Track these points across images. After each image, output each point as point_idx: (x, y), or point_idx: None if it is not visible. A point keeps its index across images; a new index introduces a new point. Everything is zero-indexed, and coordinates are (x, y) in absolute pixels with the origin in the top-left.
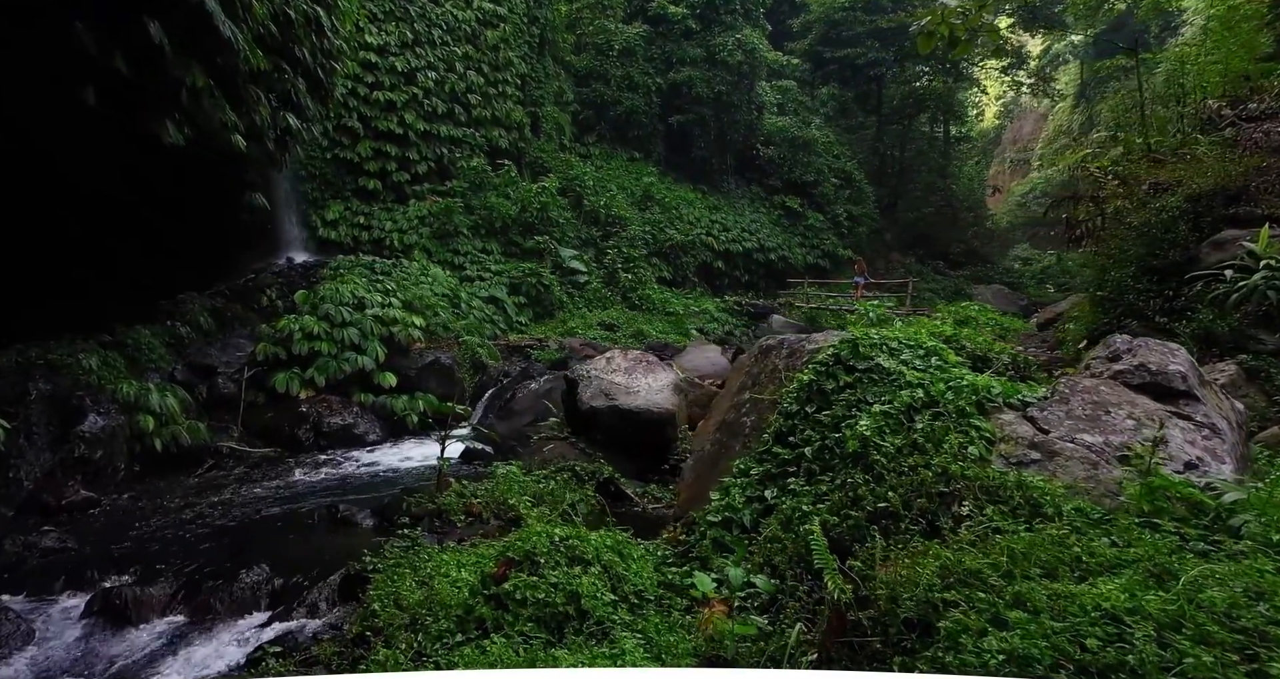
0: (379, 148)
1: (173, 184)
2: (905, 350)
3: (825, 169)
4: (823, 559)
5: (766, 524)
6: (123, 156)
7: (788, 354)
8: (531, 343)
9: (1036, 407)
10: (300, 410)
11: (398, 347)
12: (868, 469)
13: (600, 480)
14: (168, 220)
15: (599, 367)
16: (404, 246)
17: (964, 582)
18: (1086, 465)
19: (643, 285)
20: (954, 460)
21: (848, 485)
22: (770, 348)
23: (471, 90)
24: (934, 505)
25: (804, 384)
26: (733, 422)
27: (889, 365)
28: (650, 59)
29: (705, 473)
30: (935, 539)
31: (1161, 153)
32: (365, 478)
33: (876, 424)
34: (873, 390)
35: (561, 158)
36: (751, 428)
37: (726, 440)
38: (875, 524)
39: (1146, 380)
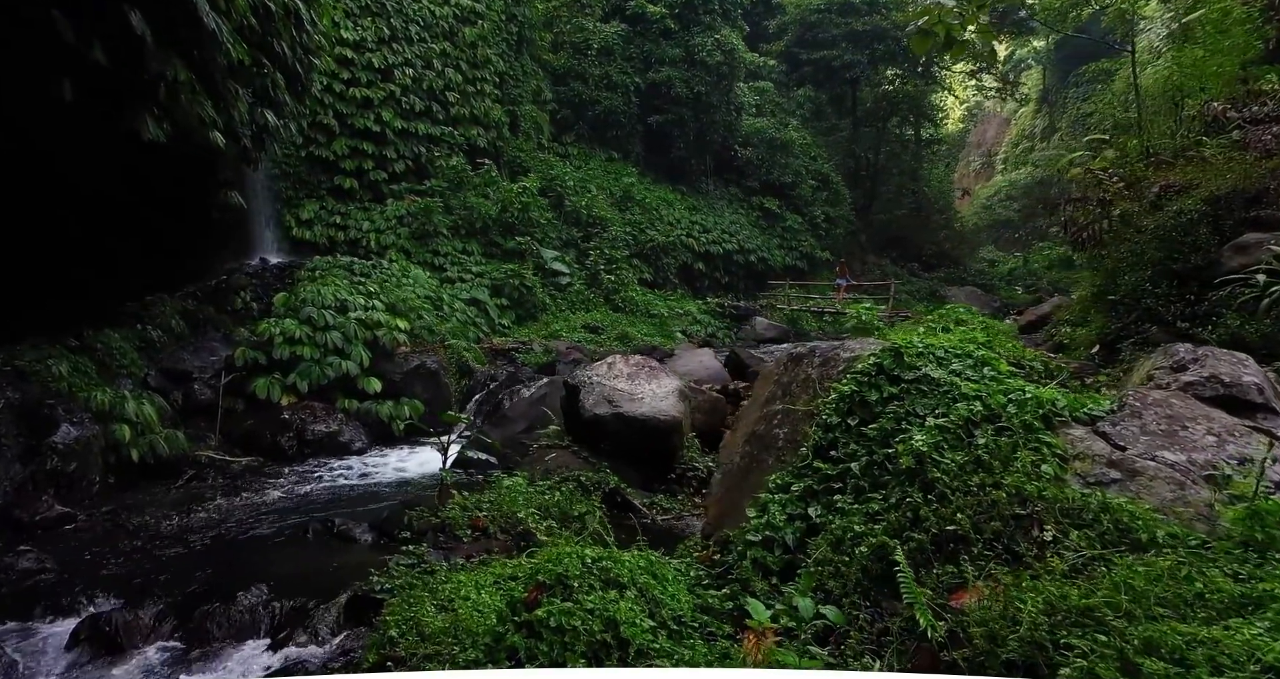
0: (355, 146)
1: (144, 182)
2: (954, 360)
3: (803, 171)
4: (911, 592)
5: (814, 545)
6: (98, 153)
7: (821, 363)
8: (515, 346)
9: (1107, 421)
10: (282, 418)
11: (382, 351)
12: (926, 487)
13: (606, 491)
14: (135, 219)
15: (601, 373)
16: (381, 247)
17: (1075, 621)
18: (1172, 486)
19: (625, 287)
20: (1028, 480)
21: (905, 505)
22: (801, 356)
23: (450, 88)
24: (1009, 529)
25: (844, 395)
26: (763, 434)
27: (938, 376)
28: (629, 58)
29: (735, 487)
30: (1017, 567)
31: (1165, 155)
32: (356, 488)
33: (933, 439)
34: (922, 402)
35: (540, 157)
36: (785, 440)
37: (757, 453)
38: (940, 548)
39: (1220, 392)
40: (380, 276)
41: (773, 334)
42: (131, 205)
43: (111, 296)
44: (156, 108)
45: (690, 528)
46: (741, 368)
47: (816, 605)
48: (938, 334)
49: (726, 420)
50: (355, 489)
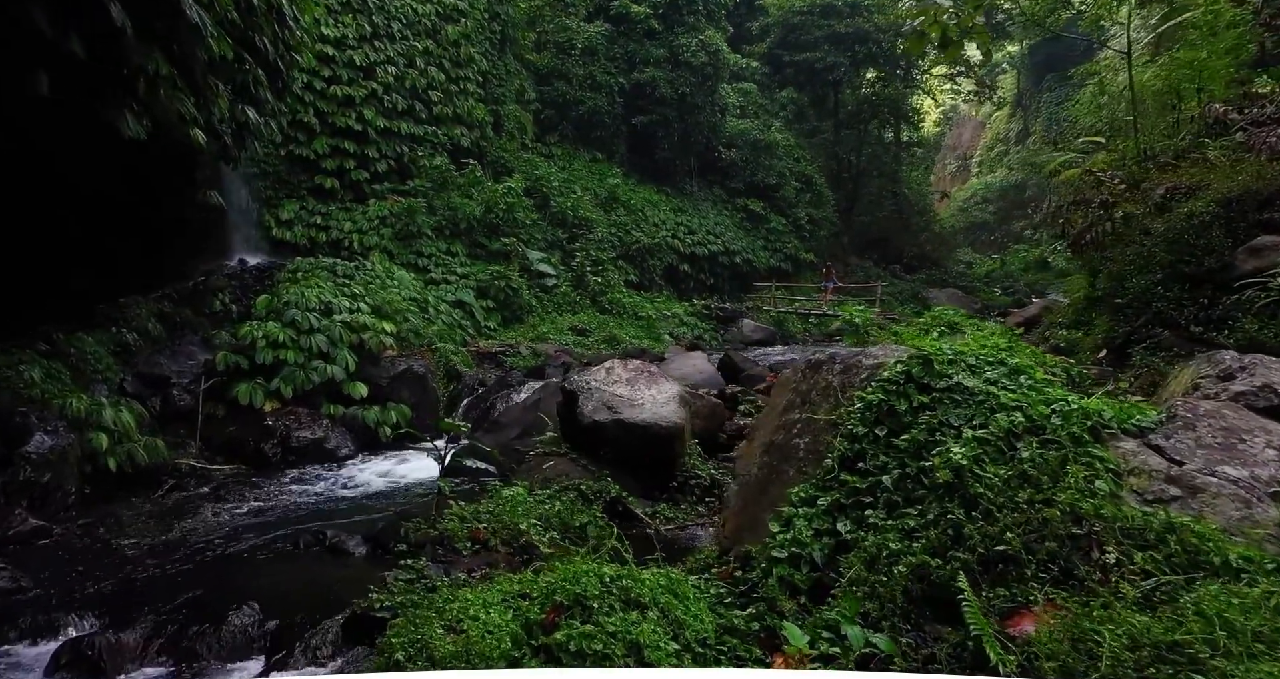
0: (336, 145)
1: (119, 179)
2: (987, 367)
3: (786, 172)
4: (978, 621)
5: (846, 563)
6: (72, 149)
7: (842, 370)
8: (503, 348)
9: (1159, 433)
10: (266, 424)
11: (368, 355)
12: (968, 503)
13: (608, 500)
14: (110, 218)
15: (599, 378)
16: (364, 248)
17: (1163, 657)
18: (1238, 503)
19: (612, 289)
20: (1082, 497)
21: (945, 521)
22: (820, 363)
23: (433, 87)
24: (1066, 550)
25: (870, 404)
26: (782, 444)
27: (972, 384)
28: (613, 58)
29: (754, 500)
30: (1079, 592)
31: (1166, 157)
32: (344, 497)
33: (972, 451)
34: (956, 412)
35: (524, 158)
36: (806, 451)
37: (777, 464)
38: (988, 569)
39: (1275, 403)
40: (364, 278)
41: (760, 336)
42: (105, 203)
43: (84, 298)
44: (136, 103)
45: (696, 538)
46: (735, 371)
47: (865, 633)
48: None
49: (725, 426)
50: (344, 498)
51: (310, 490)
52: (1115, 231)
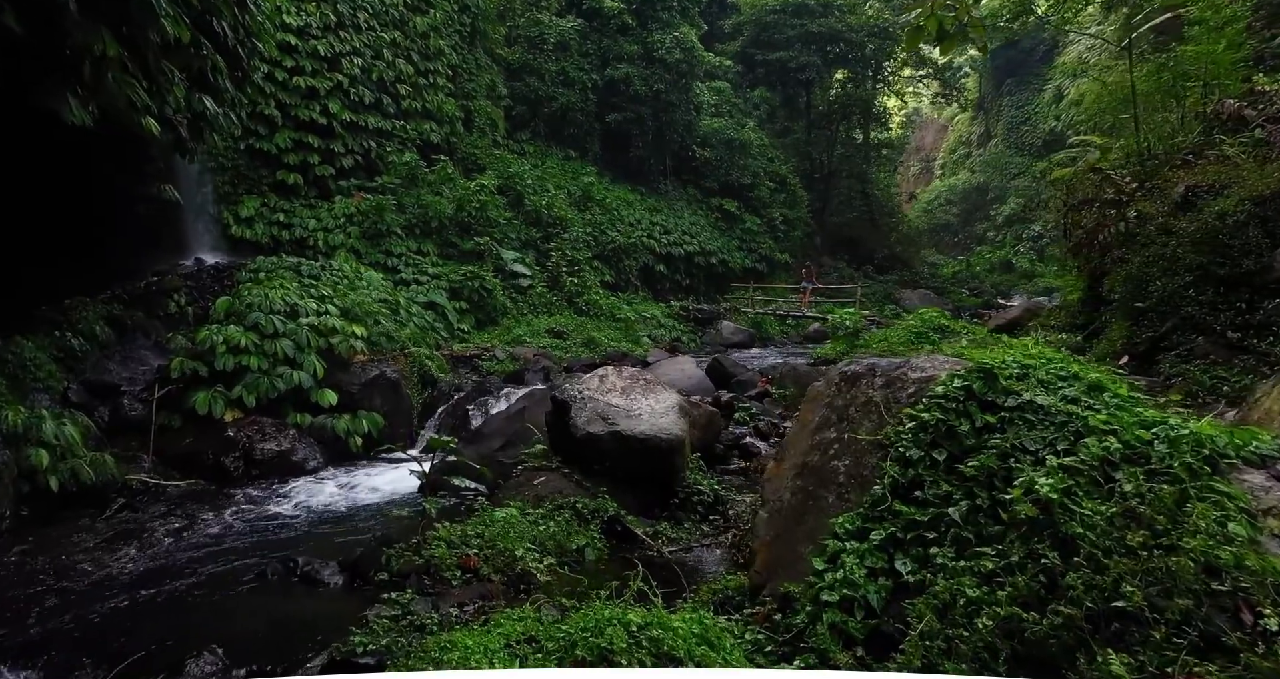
0: (300, 139)
1: (61, 169)
2: (1060, 383)
3: (760, 172)
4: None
5: (912, 611)
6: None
7: (884, 384)
8: (478, 352)
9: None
10: (226, 435)
11: (337, 360)
12: (1063, 545)
13: (605, 519)
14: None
15: (592, 386)
16: (330, 247)
17: None
18: None
19: (588, 290)
20: (1216, 543)
21: (1035, 566)
22: (858, 375)
23: (401, 80)
24: (1204, 609)
25: (924, 424)
26: (818, 466)
27: (1048, 403)
28: (586, 55)
29: (788, 530)
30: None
31: (1180, 154)
32: (315, 515)
33: (1062, 483)
34: (1031, 436)
35: (496, 155)
36: (847, 475)
37: (813, 489)
38: (1099, 628)
39: None
40: (331, 279)
41: (740, 339)
42: (46, 195)
43: (22, 299)
44: (80, 87)
45: (702, 561)
46: (726, 377)
47: None
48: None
49: (721, 435)
50: (314, 516)
51: (276, 508)
52: (1129, 231)
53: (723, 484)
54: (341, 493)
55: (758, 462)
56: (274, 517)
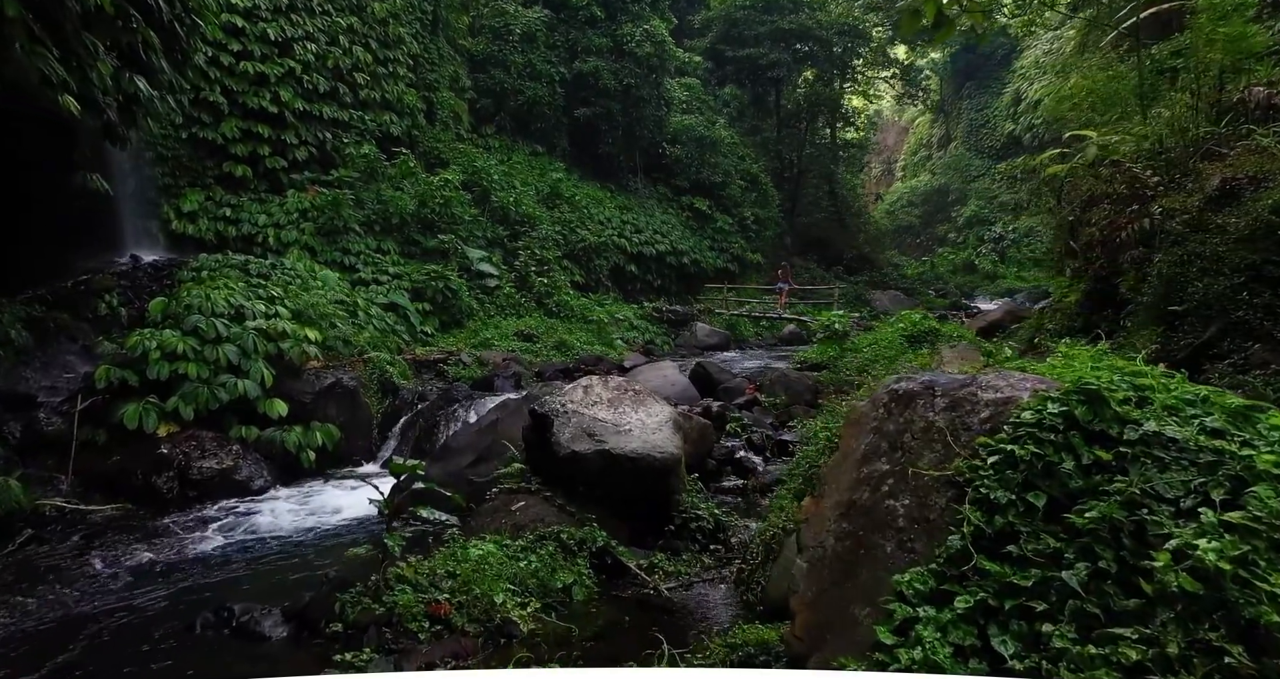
0: (248, 128)
1: None
2: (1189, 409)
3: (732, 170)
4: None
5: None
6: None
7: (948, 406)
8: (443, 356)
9: None
10: (159, 452)
11: (288, 367)
12: (1244, 635)
13: (594, 551)
14: None
15: (576, 399)
16: (282, 244)
17: None
18: None
19: (558, 290)
20: None
21: (1205, 659)
22: (912, 395)
23: (358, 68)
24: None
25: (1011, 459)
26: (869, 505)
27: (1183, 436)
28: (553, 47)
29: (836, 585)
30: None
31: (1201, 146)
32: (258, 548)
33: (1233, 548)
34: (1166, 479)
35: (460, 149)
36: (909, 518)
37: (864, 535)
38: None
39: None
40: (283, 278)
41: (715, 340)
42: None
43: None
44: None
45: (707, 600)
46: (711, 383)
47: None
48: (1129, 364)
49: (714, 450)
50: (257, 548)
51: (213, 537)
52: (1153, 229)
53: (721, 507)
54: (291, 518)
55: (755, 479)
56: (210, 549)
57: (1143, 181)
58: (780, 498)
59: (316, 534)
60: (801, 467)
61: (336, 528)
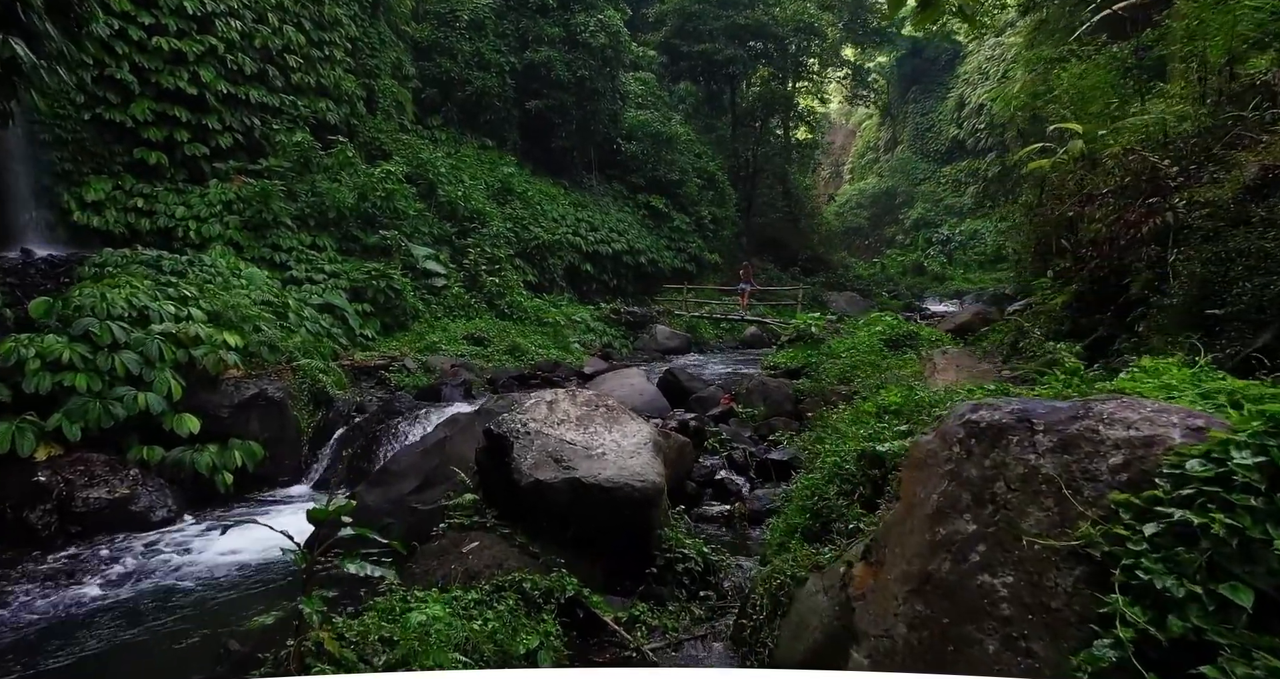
0: (163, 111)
1: None
2: None
3: (689, 168)
4: None
5: None
6: None
7: (1057, 446)
8: (384, 362)
9: None
10: (36, 480)
11: (202, 377)
12: None
13: (562, 602)
14: None
15: (539, 417)
16: (203, 239)
17: None
18: None
19: (511, 291)
20: None
21: None
22: (1000, 429)
23: (290, 49)
24: None
25: (1179, 528)
26: (952, 582)
27: None
28: (503, 35)
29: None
30: None
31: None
32: (146, 598)
33: None
34: None
35: (403, 140)
36: (1016, 604)
37: (950, 623)
38: None
39: None
40: (201, 276)
41: (676, 344)
42: None
43: None
44: None
45: (701, 663)
46: (683, 393)
47: None
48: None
49: (693, 470)
50: (145, 599)
51: (91, 586)
52: (1177, 223)
53: (708, 542)
54: (197, 556)
55: (741, 505)
56: (84, 603)
57: (1161, 172)
58: (775, 531)
59: (226, 577)
60: (807, 499)
61: (253, 566)
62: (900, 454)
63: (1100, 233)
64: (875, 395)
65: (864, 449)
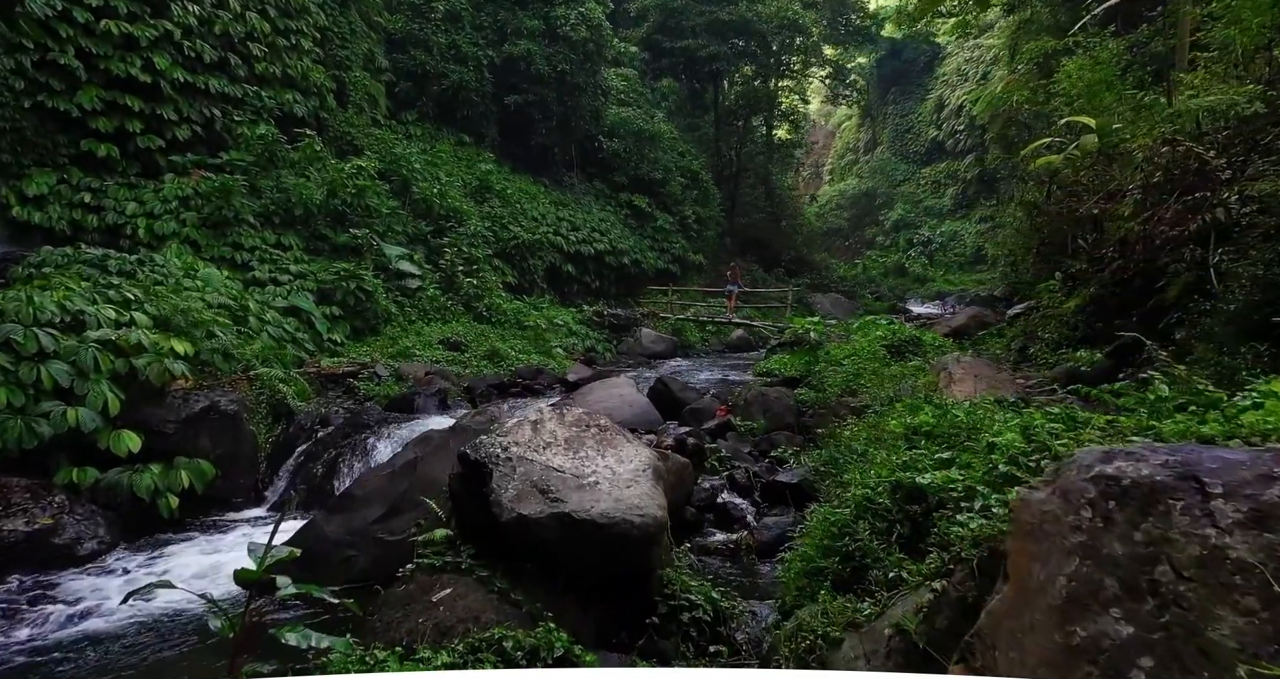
0: (114, 99)
1: None
2: None
3: (672, 167)
4: None
5: None
6: None
7: (1251, 519)
8: (354, 369)
9: None
10: None
11: (144, 389)
12: None
13: (550, 661)
14: None
15: (522, 439)
16: (157, 237)
17: None
18: None
19: (489, 292)
20: None
21: None
22: (1154, 490)
23: (253, 37)
24: None
25: None
26: None
27: None
28: (480, 28)
29: None
30: None
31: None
32: (65, 650)
33: None
34: None
35: (376, 135)
36: None
37: None
38: None
39: None
40: (151, 277)
41: (661, 348)
42: None
43: None
44: None
45: None
46: (676, 405)
47: None
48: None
49: (693, 495)
50: (62, 652)
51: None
52: (1230, 220)
53: (714, 581)
54: (116, 605)
55: (749, 536)
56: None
57: (1209, 165)
58: (792, 569)
59: (152, 629)
60: (832, 537)
61: (186, 615)
62: (947, 488)
63: (1132, 232)
64: (896, 411)
65: (899, 480)
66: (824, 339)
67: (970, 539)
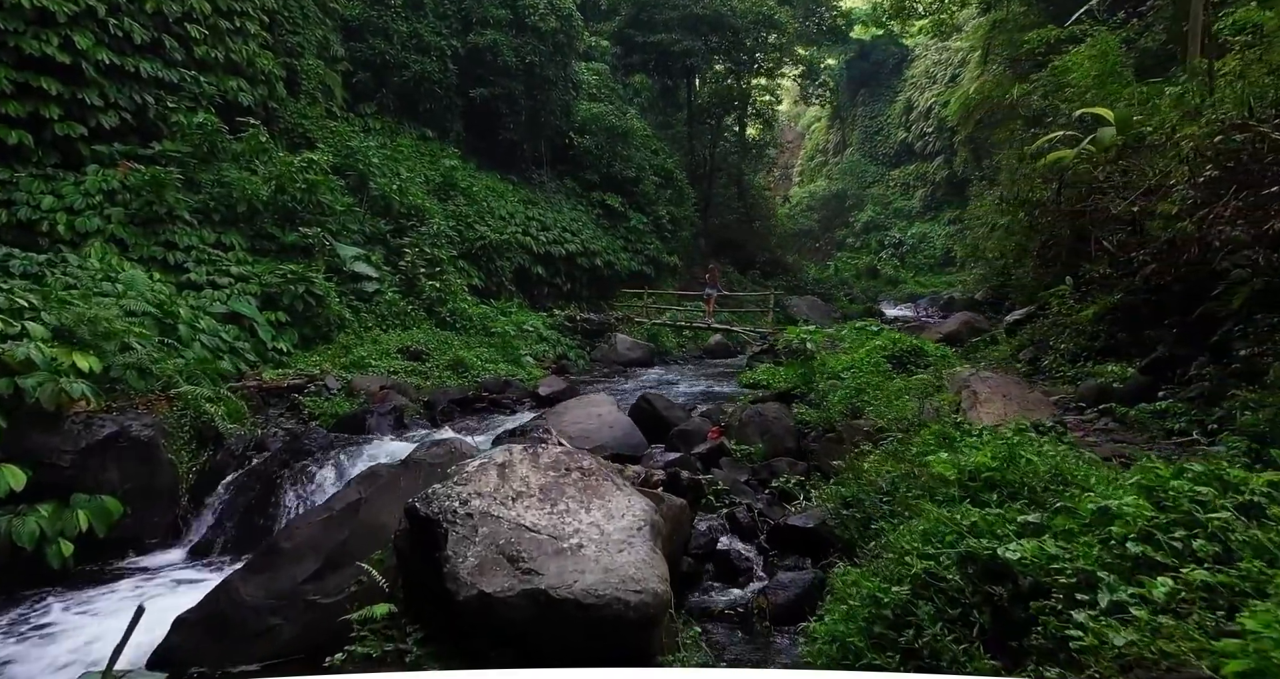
0: (25, 81)
1: None
2: None
3: (645, 165)
4: None
5: None
6: None
7: None
8: (300, 381)
9: None
10: None
11: (35, 413)
12: None
13: None
14: None
15: (487, 487)
16: (78, 234)
17: None
18: None
19: (453, 296)
20: None
21: None
22: None
23: (191, 18)
24: None
25: None
26: None
27: None
28: (444, 17)
29: None
30: None
31: None
32: None
33: None
34: None
35: (331, 127)
36: None
37: None
38: None
39: None
40: (59, 280)
41: (638, 355)
42: None
43: None
44: None
45: None
46: (663, 426)
47: None
48: None
49: (690, 542)
50: None
51: None
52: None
53: (722, 656)
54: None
55: (763, 600)
56: None
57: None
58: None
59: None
60: (883, 620)
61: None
62: (1048, 568)
63: (1182, 232)
64: (926, 441)
65: (971, 550)
66: (818, 350)
67: (1115, 658)
